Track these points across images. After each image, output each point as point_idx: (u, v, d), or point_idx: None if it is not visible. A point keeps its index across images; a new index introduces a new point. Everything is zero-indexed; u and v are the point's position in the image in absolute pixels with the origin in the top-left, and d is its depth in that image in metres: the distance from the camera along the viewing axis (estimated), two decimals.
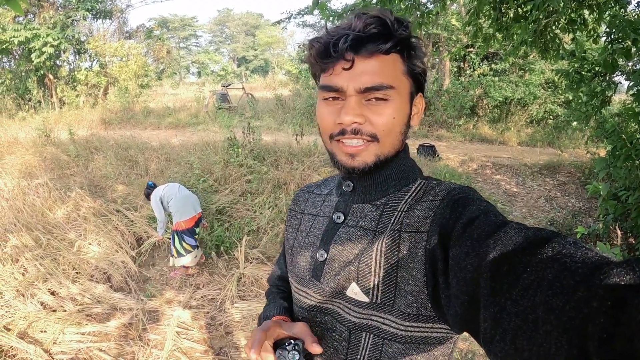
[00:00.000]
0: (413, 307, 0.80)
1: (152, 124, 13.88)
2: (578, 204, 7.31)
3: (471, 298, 0.62)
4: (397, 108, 0.83)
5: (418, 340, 0.83)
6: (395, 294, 0.81)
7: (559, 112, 12.65)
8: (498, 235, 0.62)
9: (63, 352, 3.65)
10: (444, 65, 14.64)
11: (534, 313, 0.48)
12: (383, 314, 0.83)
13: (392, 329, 0.83)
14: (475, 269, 0.61)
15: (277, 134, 10.77)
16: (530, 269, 0.52)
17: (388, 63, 0.81)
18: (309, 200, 1.10)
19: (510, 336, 0.51)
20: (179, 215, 4.93)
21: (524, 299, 0.50)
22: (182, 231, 4.94)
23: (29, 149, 9.27)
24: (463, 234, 0.69)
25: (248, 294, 4.64)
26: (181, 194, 5.04)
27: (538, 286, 0.49)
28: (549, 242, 0.55)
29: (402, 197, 0.89)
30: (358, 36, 0.79)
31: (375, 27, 0.79)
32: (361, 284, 0.85)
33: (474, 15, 5.13)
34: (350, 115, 0.81)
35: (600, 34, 5.18)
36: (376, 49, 0.80)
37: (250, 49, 56.31)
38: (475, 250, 0.63)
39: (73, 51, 17.88)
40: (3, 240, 5.18)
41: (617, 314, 0.39)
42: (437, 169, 8.04)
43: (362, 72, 0.80)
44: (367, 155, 0.85)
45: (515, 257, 0.56)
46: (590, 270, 0.46)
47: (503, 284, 0.55)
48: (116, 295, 4.54)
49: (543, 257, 0.52)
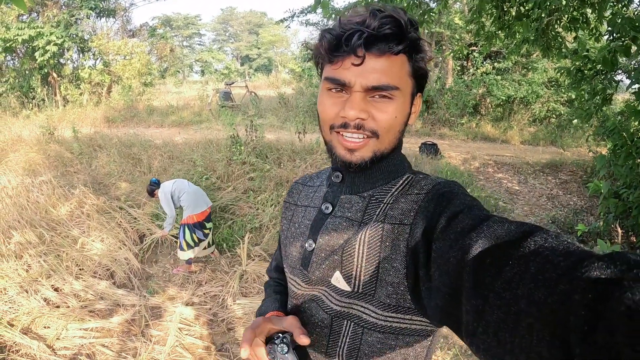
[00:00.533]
0: (393, 297, 0.82)
1: (156, 122, 13.89)
2: (580, 202, 7.31)
3: (453, 291, 0.62)
4: (399, 107, 0.85)
5: (397, 330, 0.85)
6: (377, 284, 0.83)
7: (561, 111, 12.62)
8: (481, 229, 0.62)
9: (66, 348, 3.67)
10: (446, 63, 14.60)
11: (516, 306, 0.49)
12: (364, 303, 0.85)
13: (371, 319, 0.85)
14: (458, 262, 0.62)
15: (279, 132, 10.78)
16: (513, 262, 0.53)
17: (396, 63, 0.82)
18: (302, 192, 1.12)
19: (493, 329, 0.51)
20: (192, 209, 5.00)
21: (506, 292, 0.51)
22: (194, 224, 5.00)
23: (32, 146, 9.29)
24: (447, 228, 0.70)
25: (250, 291, 4.66)
26: (192, 189, 5.11)
27: (520, 279, 0.50)
28: (532, 235, 0.55)
29: (389, 189, 0.91)
30: (372, 35, 0.79)
31: (390, 27, 0.79)
32: (344, 273, 0.87)
33: (476, 14, 5.13)
34: (355, 110, 0.83)
35: (602, 32, 5.17)
36: (387, 49, 0.80)
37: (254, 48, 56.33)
38: (459, 243, 0.64)
39: (77, 49, 17.89)
40: (7, 237, 5.20)
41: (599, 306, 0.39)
42: (439, 167, 8.04)
43: (371, 70, 0.81)
44: (365, 151, 0.87)
45: (498, 251, 0.57)
46: (572, 264, 0.46)
47: (486, 277, 0.55)
48: (119, 291, 4.56)
49: (526, 251, 0.53)
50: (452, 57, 13.58)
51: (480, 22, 5.38)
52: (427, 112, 13.57)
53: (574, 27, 4.94)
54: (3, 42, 15.30)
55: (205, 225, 5.13)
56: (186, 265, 5.15)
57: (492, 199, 7.09)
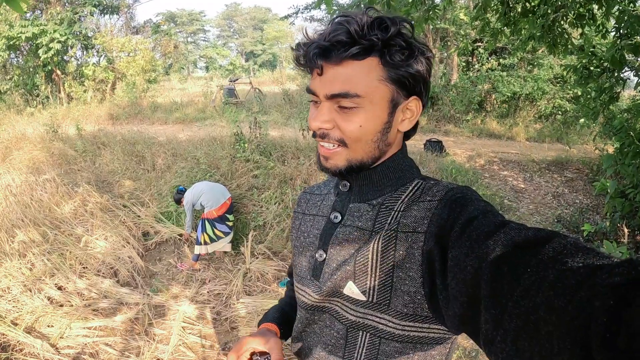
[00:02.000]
0: (410, 307, 0.81)
1: (160, 119, 13.89)
2: (586, 200, 7.27)
3: (471, 299, 0.61)
4: (366, 116, 0.83)
5: (415, 339, 0.84)
6: (391, 293, 0.82)
7: (567, 108, 12.54)
8: (498, 236, 0.61)
9: (70, 347, 3.68)
10: (452, 59, 14.56)
11: (535, 314, 0.48)
12: (379, 314, 0.84)
13: (388, 328, 0.84)
14: (476, 270, 0.61)
15: (284, 129, 10.76)
16: (531, 270, 0.52)
17: (361, 70, 0.81)
18: (310, 201, 1.11)
19: (512, 337, 0.50)
20: (211, 205, 5.11)
21: (525, 300, 0.50)
22: (214, 219, 5.09)
23: (36, 144, 9.32)
24: (462, 235, 0.68)
25: (254, 289, 4.66)
26: (208, 187, 5.23)
27: (539, 287, 0.49)
28: (549, 242, 0.54)
29: (399, 196, 0.89)
30: (322, 44, 0.80)
31: (339, 33, 0.79)
32: (358, 283, 0.85)
33: (481, 10, 5.09)
34: (317, 121, 0.85)
35: (609, 29, 5.13)
36: (342, 56, 0.79)
37: (258, 44, 56.45)
38: (475, 251, 0.63)
39: (80, 47, 17.93)
40: (11, 235, 5.22)
41: (620, 312, 0.39)
42: (444, 164, 8.01)
43: (331, 78, 0.82)
44: (338, 159, 0.87)
45: (516, 258, 0.56)
46: (591, 270, 0.45)
47: (504, 285, 0.54)
48: (123, 290, 4.57)
49: (544, 258, 0.52)
50: (457, 53, 13.54)
51: (485, 18, 5.33)
52: (432, 108, 13.52)
53: (580, 23, 4.90)
54: (7, 40, 15.37)
55: (227, 218, 5.23)
56: (192, 262, 5.19)
57: (498, 197, 7.05)
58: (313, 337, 0.99)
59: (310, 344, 0.99)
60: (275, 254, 5.25)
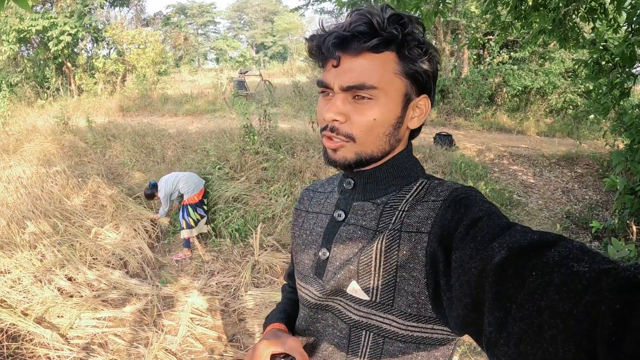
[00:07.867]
0: (414, 307, 0.80)
1: (170, 111, 13.93)
2: (595, 196, 7.21)
3: (475, 301, 0.61)
4: (380, 110, 0.83)
5: (419, 340, 0.84)
6: (395, 293, 0.81)
7: (578, 102, 12.42)
8: (503, 239, 0.61)
9: (79, 337, 3.71)
10: (462, 52, 14.45)
11: (539, 317, 0.48)
12: (383, 313, 0.84)
13: (392, 328, 0.84)
14: (480, 272, 0.61)
15: (293, 122, 10.75)
16: (536, 273, 0.52)
17: (377, 62, 0.81)
18: (313, 198, 1.11)
19: (515, 340, 0.50)
20: (191, 191, 5.41)
21: (529, 303, 0.50)
22: (196, 203, 5.43)
23: (47, 136, 9.38)
24: (466, 236, 0.68)
25: (262, 281, 4.68)
26: (184, 175, 5.52)
27: (544, 290, 0.49)
28: (555, 245, 0.55)
29: (403, 196, 0.89)
30: (342, 34, 0.79)
31: (360, 24, 0.78)
32: (361, 283, 0.85)
33: (491, 3, 5.05)
34: (332, 112, 0.83)
35: (620, 24, 5.07)
36: (362, 47, 0.79)
37: (269, 35, 56.33)
38: (480, 253, 0.63)
39: (91, 39, 18.01)
40: (21, 227, 5.27)
41: (626, 317, 0.39)
42: (454, 158, 7.97)
43: (347, 70, 0.81)
44: (346, 152, 0.86)
45: (521, 261, 0.56)
46: (597, 275, 0.45)
47: (508, 287, 0.54)
48: (132, 281, 4.60)
49: (549, 261, 0.52)
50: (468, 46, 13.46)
51: (496, 11, 5.29)
52: (443, 101, 13.44)
53: (591, 17, 4.84)
54: (17, 33, 15.46)
55: (204, 202, 5.67)
56: (185, 250, 5.38)
57: (507, 192, 7.02)
58: (316, 336, 0.98)
59: (313, 342, 0.99)
60: (283, 247, 5.26)
